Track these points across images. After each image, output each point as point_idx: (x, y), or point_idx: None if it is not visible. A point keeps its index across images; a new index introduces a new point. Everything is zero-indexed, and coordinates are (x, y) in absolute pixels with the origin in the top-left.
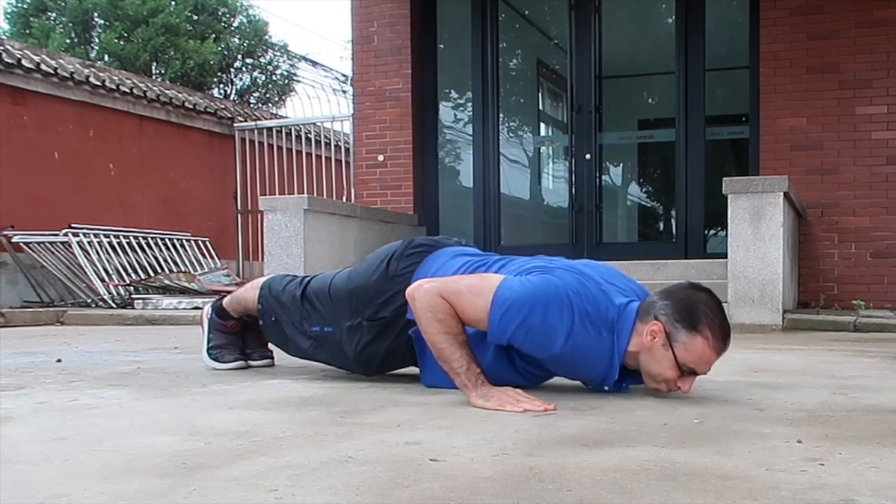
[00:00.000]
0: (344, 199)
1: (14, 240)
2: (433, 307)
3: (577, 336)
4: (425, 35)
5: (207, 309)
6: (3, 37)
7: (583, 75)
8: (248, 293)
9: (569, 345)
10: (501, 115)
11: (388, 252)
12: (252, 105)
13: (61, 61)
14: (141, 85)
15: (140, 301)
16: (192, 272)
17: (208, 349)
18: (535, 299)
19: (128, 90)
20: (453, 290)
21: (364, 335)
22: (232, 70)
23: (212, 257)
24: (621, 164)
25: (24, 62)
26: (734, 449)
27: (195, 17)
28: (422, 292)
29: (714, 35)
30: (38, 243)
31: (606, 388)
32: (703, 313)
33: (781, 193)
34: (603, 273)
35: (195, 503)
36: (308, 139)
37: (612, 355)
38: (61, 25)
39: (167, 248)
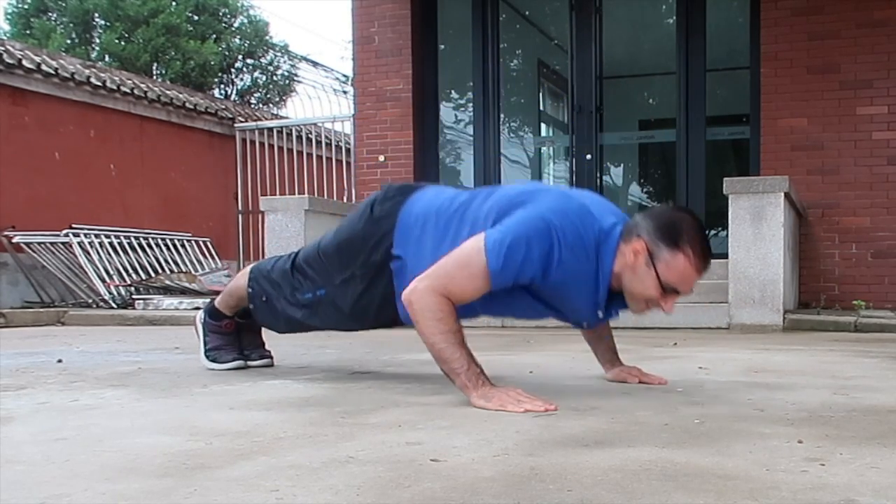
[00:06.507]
0: (345, 200)
1: (15, 240)
2: (431, 308)
3: (566, 262)
4: (426, 35)
5: (200, 314)
6: (4, 37)
7: (583, 76)
8: (238, 281)
9: (559, 270)
10: (502, 116)
11: (370, 200)
12: (253, 105)
13: (62, 62)
14: (142, 85)
15: (141, 301)
16: (193, 272)
17: (206, 351)
18: (527, 236)
19: (128, 91)
20: (446, 278)
21: (357, 285)
22: (233, 70)
23: (213, 258)
24: (622, 165)
25: (24, 63)
26: (735, 449)
27: (196, 18)
28: (417, 294)
29: (714, 35)
30: (39, 244)
31: (600, 313)
32: (684, 231)
33: (782, 194)
34: (589, 196)
35: (196, 503)
36: (309, 139)
37: (598, 277)
38: (62, 26)
39: (168, 249)
